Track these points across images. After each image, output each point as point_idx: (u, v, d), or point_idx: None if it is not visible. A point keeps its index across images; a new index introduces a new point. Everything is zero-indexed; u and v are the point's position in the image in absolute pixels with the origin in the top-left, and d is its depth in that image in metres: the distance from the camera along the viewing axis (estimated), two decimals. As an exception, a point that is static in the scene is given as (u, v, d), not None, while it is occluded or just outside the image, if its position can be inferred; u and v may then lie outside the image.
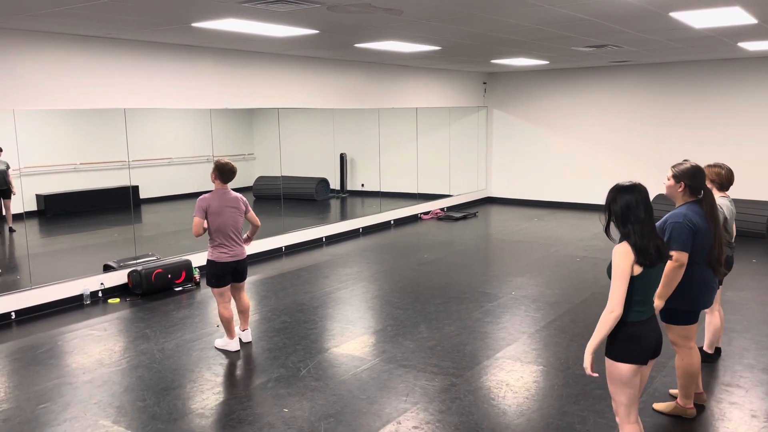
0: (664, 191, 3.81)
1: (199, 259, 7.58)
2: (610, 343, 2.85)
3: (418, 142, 12.08)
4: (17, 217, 9.52)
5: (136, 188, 11.05)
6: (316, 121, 13.10)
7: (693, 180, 3.59)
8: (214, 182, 5.02)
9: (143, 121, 11.43)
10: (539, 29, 6.46)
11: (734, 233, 4.55)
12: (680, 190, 3.62)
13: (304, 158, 13.24)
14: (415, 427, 3.80)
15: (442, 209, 11.95)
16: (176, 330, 5.65)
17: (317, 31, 6.33)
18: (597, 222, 10.54)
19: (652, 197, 3.03)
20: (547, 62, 10.26)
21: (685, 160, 3.75)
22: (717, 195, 4.35)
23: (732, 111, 10.40)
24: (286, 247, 8.84)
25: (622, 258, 2.76)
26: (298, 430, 3.79)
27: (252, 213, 5.15)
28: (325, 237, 9.56)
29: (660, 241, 2.85)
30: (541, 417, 3.92)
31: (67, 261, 8.45)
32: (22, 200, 7.42)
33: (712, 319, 4.65)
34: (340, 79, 9.54)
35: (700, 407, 4.01)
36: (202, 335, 5.49)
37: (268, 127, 13.33)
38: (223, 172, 4.96)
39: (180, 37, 6.65)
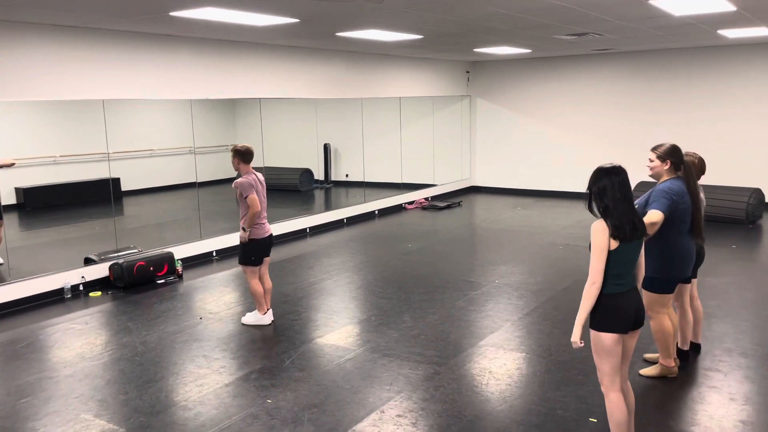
0: (646, 177, 4.02)
1: (181, 251, 7.53)
2: (593, 315, 3.07)
3: (402, 131, 12.06)
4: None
5: (117, 180, 10.93)
6: (299, 112, 13.03)
7: (676, 156, 3.94)
8: (238, 167, 5.24)
9: (123, 113, 11.29)
10: (520, 17, 6.45)
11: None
12: (667, 167, 3.95)
13: (288, 149, 13.18)
14: (399, 416, 3.81)
15: (426, 199, 11.96)
16: (159, 323, 5.61)
17: (297, 20, 6.27)
18: (580, 210, 10.61)
19: (634, 184, 3.23)
20: (530, 51, 10.27)
21: (660, 144, 4.06)
22: None
23: (713, 98, 10.49)
24: (269, 238, 8.79)
25: (599, 233, 2.99)
26: (282, 420, 3.79)
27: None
28: (309, 228, 9.53)
29: (637, 218, 3.05)
30: (523, 403, 3.95)
31: (47, 254, 8.35)
32: (0, 194, 7.32)
33: (684, 314, 4.41)
34: (322, 68, 9.48)
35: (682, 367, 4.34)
36: (185, 327, 5.46)
37: (250, 117, 13.22)
38: (245, 154, 5.21)
39: (158, 26, 6.56)
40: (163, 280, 6.97)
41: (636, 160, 6.57)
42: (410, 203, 11.61)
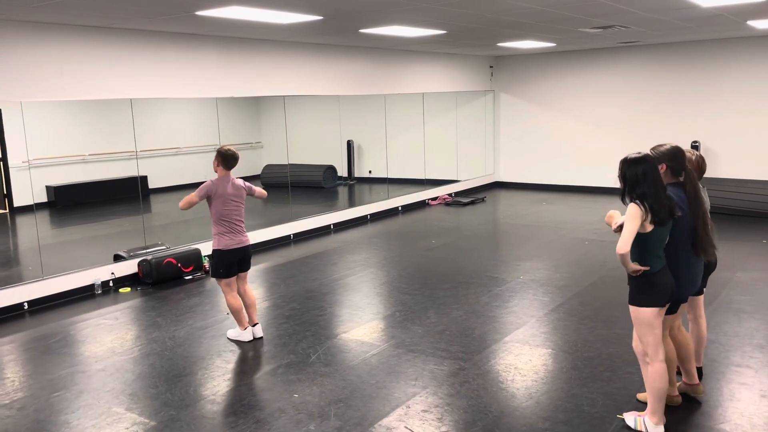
0: None
1: (208, 248, 7.61)
2: (633, 292, 3.35)
3: (425, 127, 12.04)
4: (27, 209, 9.60)
5: (144, 178, 11.09)
6: (323, 109, 13.08)
7: (674, 161, 3.50)
8: (216, 170, 4.99)
9: (150, 111, 11.46)
10: (545, 11, 6.40)
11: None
12: (663, 171, 3.45)
13: (312, 146, 13.24)
14: (424, 411, 3.83)
15: (449, 195, 11.93)
16: (187, 318, 5.70)
17: (321, 17, 6.30)
18: (605, 205, 10.50)
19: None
20: (554, 44, 10.18)
21: (661, 144, 3.61)
22: None
23: (741, 90, 10.28)
24: (294, 234, 8.86)
25: (636, 217, 3.21)
26: (308, 414, 3.83)
27: (255, 191, 5.15)
28: (333, 224, 9.57)
29: (672, 202, 3.30)
30: (549, 399, 3.93)
31: (77, 251, 8.52)
32: (32, 192, 7.49)
33: (698, 327, 3.97)
34: (345, 65, 9.50)
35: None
36: (213, 323, 5.54)
37: (274, 115, 13.31)
38: (226, 158, 4.93)
39: (184, 25, 6.64)
40: (190, 276, 7.07)
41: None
42: (433, 199, 11.59)
